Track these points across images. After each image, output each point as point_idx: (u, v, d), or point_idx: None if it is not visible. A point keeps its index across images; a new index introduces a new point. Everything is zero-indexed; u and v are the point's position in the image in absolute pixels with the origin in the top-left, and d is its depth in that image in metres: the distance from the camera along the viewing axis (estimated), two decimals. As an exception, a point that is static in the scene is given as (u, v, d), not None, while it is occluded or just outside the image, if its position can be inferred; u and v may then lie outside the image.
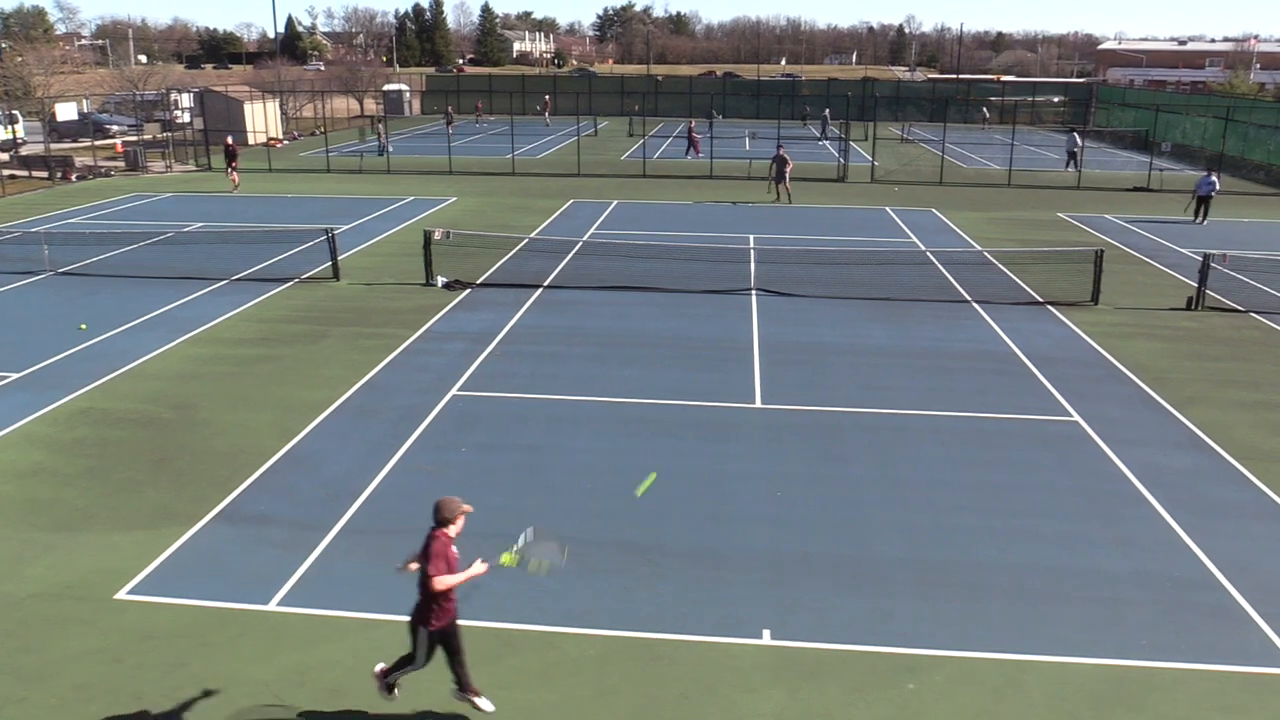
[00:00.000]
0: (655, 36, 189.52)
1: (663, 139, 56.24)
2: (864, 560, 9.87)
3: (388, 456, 12.15)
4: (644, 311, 18.93)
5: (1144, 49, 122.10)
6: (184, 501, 10.94)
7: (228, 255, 23.26)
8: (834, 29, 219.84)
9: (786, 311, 19.07)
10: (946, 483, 11.63)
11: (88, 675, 7.97)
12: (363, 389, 14.51)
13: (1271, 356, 16.71)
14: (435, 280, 20.84)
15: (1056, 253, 24.01)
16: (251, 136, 48.95)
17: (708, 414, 13.68)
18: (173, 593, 9.14)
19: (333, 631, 8.58)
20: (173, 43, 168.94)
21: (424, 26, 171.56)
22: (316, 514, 10.65)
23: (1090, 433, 13.20)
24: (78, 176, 37.90)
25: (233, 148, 35.68)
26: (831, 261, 23.17)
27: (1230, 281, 21.53)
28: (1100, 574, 9.65)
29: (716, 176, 39.16)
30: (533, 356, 16.12)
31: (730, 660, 8.24)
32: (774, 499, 11.16)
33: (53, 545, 10.01)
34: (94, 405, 13.82)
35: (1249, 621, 8.87)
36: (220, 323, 17.95)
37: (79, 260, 22.65)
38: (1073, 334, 17.86)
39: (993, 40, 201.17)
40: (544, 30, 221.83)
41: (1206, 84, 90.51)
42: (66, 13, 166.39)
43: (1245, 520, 10.80)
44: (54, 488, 11.31)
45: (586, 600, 9.11)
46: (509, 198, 33.85)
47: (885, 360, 16.14)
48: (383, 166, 41.30)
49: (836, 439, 12.89)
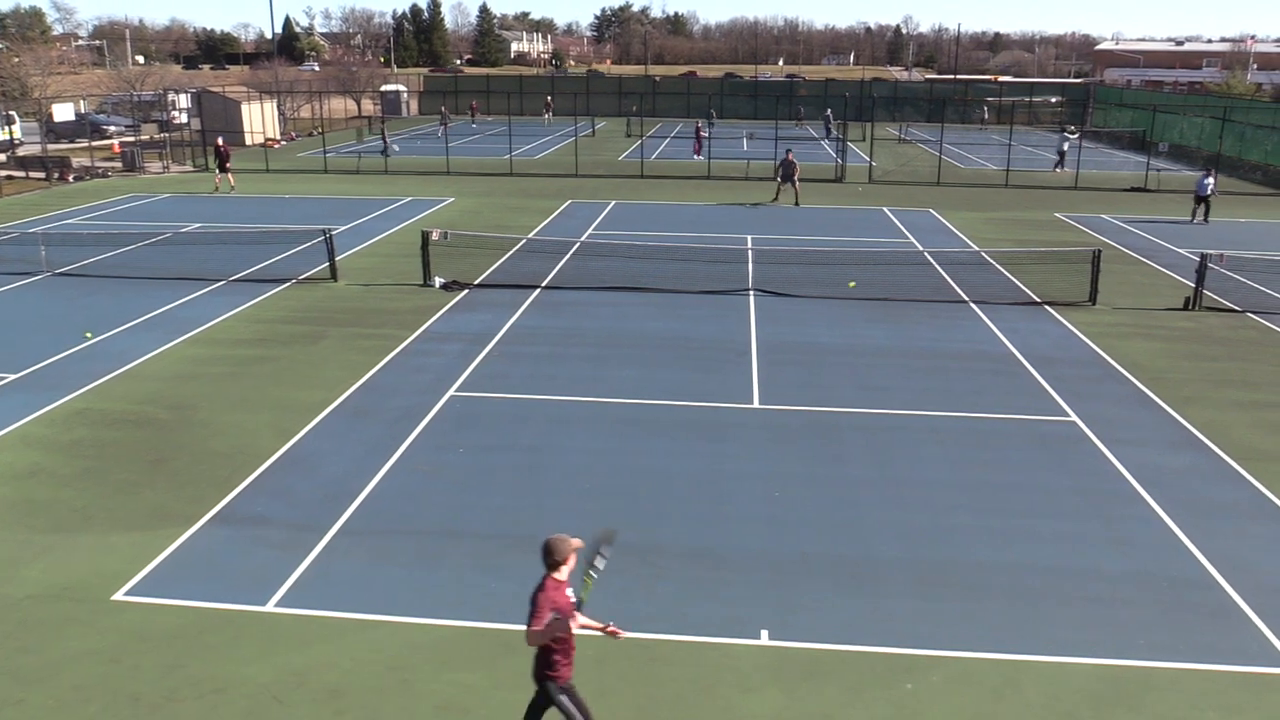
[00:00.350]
0: (653, 37, 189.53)
1: (660, 139, 56.25)
2: (862, 560, 9.87)
3: (386, 457, 12.15)
4: (642, 312, 18.93)
5: (1141, 49, 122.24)
6: (181, 502, 10.93)
7: (225, 256, 23.25)
8: (831, 29, 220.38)
9: (784, 312, 19.08)
10: (944, 483, 11.63)
11: (85, 676, 7.97)
12: (360, 390, 14.51)
13: (1268, 356, 16.74)
14: (433, 281, 20.83)
15: (1054, 253, 24.03)
16: (249, 137, 48.92)
17: (705, 414, 13.68)
18: (170, 594, 9.13)
19: (330, 632, 8.57)
20: (170, 43, 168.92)
21: (421, 27, 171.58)
22: (314, 515, 10.65)
23: (1088, 433, 13.21)
24: (75, 177, 37.86)
25: (224, 149, 35.20)
26: (829, 262, 23.19)
27: (1227, 281, 21.56)
28: (1098, 574, 9.66)
29: (715, 177, 39.17)
30: (530, 357, 16.12)
31: (728, 661, 8.24)
32: (772, 499, 11.16)
33: (50, 546, 10.00)
34: (91, 406, 13.80)
35: (1246, 621, 8.88)
36: (218, 323, 17.94)
37: (76, 261, 22.62)
38: (1070, 334, 17.87)
39: (990, 41, 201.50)
40: (542, 31, 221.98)
41: (1203, 84, 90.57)
42: (63, 13, 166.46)
43: (1242, 520, 10.81)
44: (51, 489, 11.30)
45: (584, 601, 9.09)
46: (507, 198, 33.85)
47: (883, 360, 16.15)
48: (380, 167, 41.29)
49: (834, 439, 12.89)
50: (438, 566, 9.67)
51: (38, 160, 39.02)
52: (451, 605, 8.99)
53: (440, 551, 9.94)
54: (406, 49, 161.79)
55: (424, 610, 8.90)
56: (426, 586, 9.31)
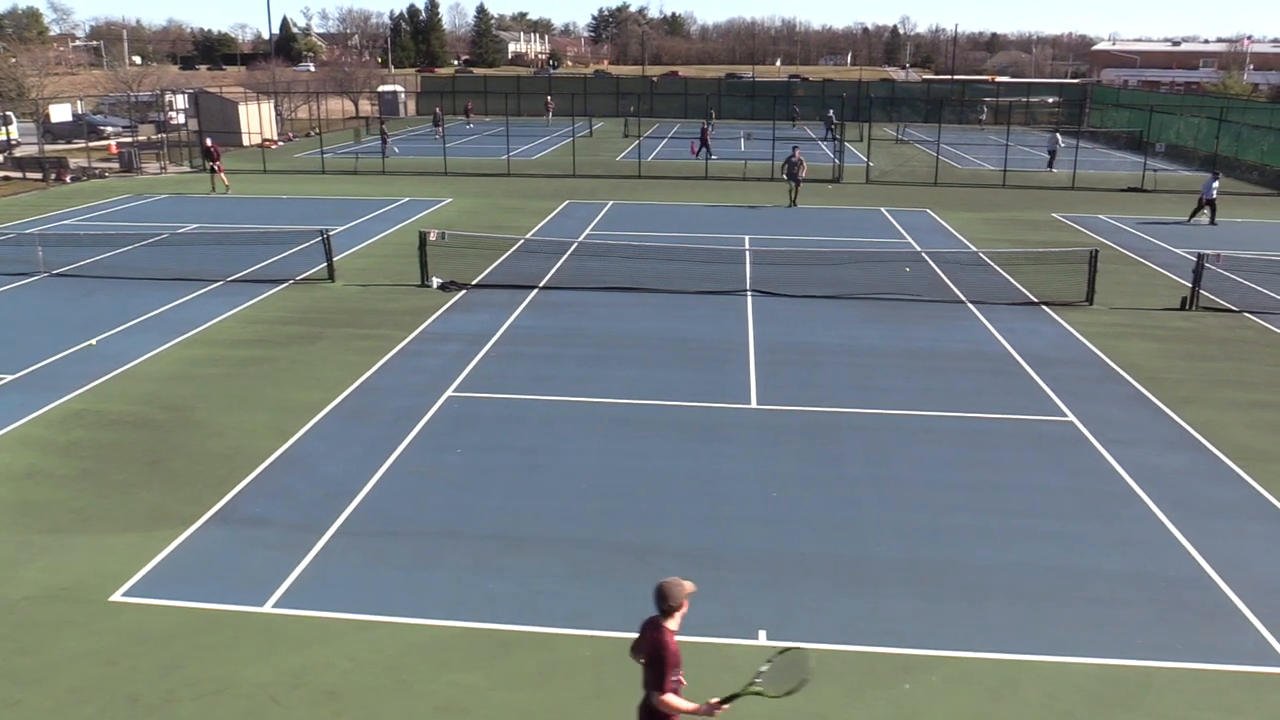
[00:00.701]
0: (650, 37, 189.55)
1: (658, 139, 56.25)
2: (860, 560, 9.87)
3: (383, 458, 12.14)
4: (639, 312, 18.93)
5: (1138, 50, 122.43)
6: (179, 503, 10.92)
7: (222, 257, 23.22)
8: (829, 30, 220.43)
9: (782, 312, 19.08)
10: (942, 483, 11.64)
11: (83, 678, 7.95)
12: (358, 390, 14.50)
13: (1265, 356, 16.76)
14: (431, 281, 20.82)
15: (1051, 253, 24.05)
16: (246, 138, 48.87)
17: (703, 415, 13.68)
18: (168, 595, 9.12)
19: (328, 633, 8.56)
20: (167, 44, 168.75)
21: (419, 27, 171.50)
22: (312, 515, 10.64)
23: (1085, 433, 13.22)
24: (72, 178, 37.81)
25: (213, 148, 35.12)
26: (827, 262, 23.20)
27: (1224, 281, 21.58)
28: (1096, 574, 9.66)
29: (713, 177, 39.17)
30: (528, 357, 16.12)
31: (726, 661, 8.23)
32: (770, 499, 11.16)
33: (47, 547, 9.99)
34: (89, 407, 13.78)
35: (1244, 621, 8.89)
36: (215, 324, 17.92)
37: (73, 262, 22.60)
38: (1068, 334, 17.89)
39: (987, 41, 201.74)
40: (539, 31, 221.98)
41: (1200, 84, 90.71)
42: (61, 14, 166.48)
43: (1240, 520, 10.82)
44: (49, 490, 11.28)
45: (583, 601, 9.10)
46: (505, 199, 33.83)
47: (881, 360, 16.15)
48: (378, 168, 41.27)
49: (832, 439, 12.89)
50: (436, 567, 9.67)
51: (35, 161, 38.97)
52: (450, 606, 8.98)
53: (438, 552, 9.94)
54: (404, 49, 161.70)
55: (422, 611, 8.89)
56: (424, 587, 9.31)
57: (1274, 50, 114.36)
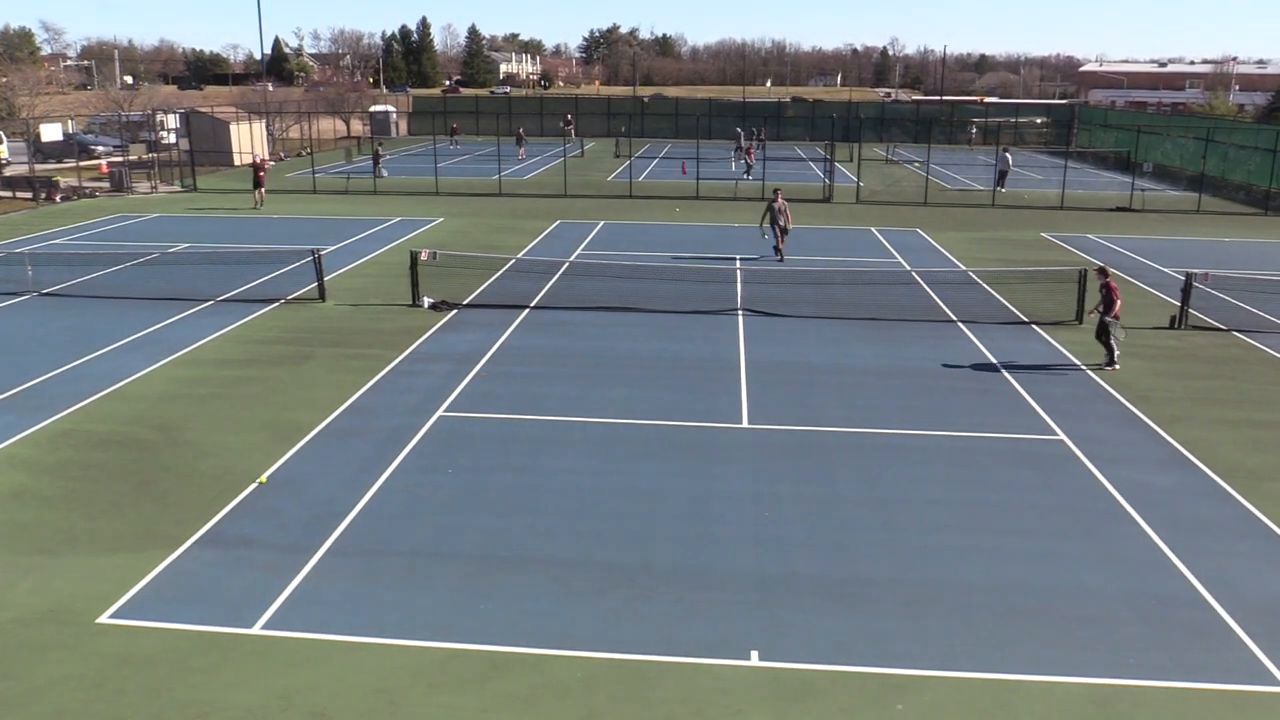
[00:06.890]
0: (641, 59, 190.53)
1: (649, 160, 56.44)
2: (852, 580, 9.86)
3: (374, 478, 12.09)
4: (631, 332, 18.95)
5: (1125, 71, 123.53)
6: (168, 524, 10.86)
7: (213, 276, 23.19)
8: (818, 51, 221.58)
9: (773, 332, 19.12)
10: (933, 502, 11.65)
11: (68, 701, 7.88)
12: (348, 410, 14.46)
13: (1253, 374, 16.84)
14: (422, 301, 20.81)
15: (1040, 272, 24.17)
16: (238, 157, 48.88)
17: (694, 434, 13.68)
18: (156, 617, 9.06)
19: (318, 655, 8.51)
20: (159, 64, 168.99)
21: (411, 48, 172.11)
22: (302, 536, 10.59)
23: (1076, 451, 13.25)
24: (62, 197, 37.77)
25: (260, 164, 36.81)
26: (818, 282, 23.26)
27: (1212, 300, 21.70)
28: (1087, 592, 9.67)
29: (703, 197, 39.31)
30: (519, 377, 16.11)
31: (718, 682, 8.20)
32: (761, 519, 11.15)
33: (34, 568, 9.92)
34: (77, 427, 13.72)
35: (1235, 639, 8.89)
36: (205, 344, 17.88)
37: (63, 281, 22.54)
38: (1057, 353, 17.95)
39: (976, 62, 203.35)
40: (530, 52, 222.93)
41: (1187, 105, 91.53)
42: (53, 34, 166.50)
43: (1230, 538, 10.85)
44: (36, 510, 11.21)
45: (573, 622, 9.07)
46: (496, 218, 33.89)
47: (871, 380, 16.18)
48: (369, 188, 41.31)
49: (823, 459, 12.90)
50: (426, 588, 9.62)
51: (25, 180, 38.91)
52: (440, 627, 8.94)
53: (429, 573, 9.89)
54: (395, 70, 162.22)
55: (412, 632, 8.85)
56: (414, 608, 9.26)
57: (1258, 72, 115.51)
